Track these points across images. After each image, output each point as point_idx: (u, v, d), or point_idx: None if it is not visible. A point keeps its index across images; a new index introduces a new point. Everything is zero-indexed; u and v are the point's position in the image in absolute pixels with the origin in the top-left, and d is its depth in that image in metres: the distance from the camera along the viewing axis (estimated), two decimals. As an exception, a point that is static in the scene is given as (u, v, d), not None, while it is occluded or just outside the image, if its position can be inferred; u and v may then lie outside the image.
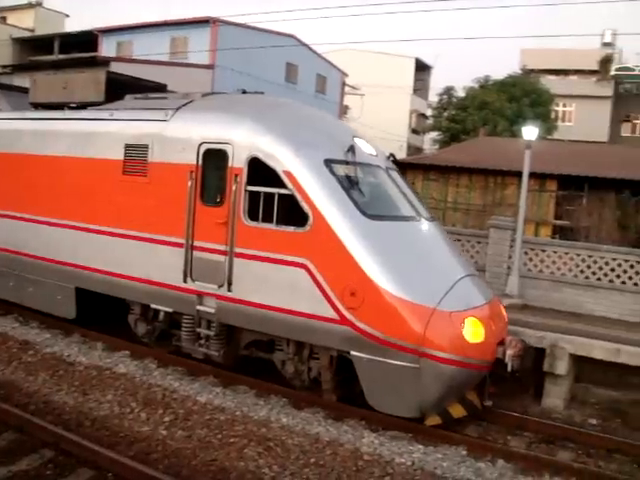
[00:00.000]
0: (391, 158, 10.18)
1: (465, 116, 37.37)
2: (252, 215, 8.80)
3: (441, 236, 9.52)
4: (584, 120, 43.41)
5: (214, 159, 9.18)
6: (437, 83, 49.09)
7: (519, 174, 15.44)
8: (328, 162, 8.64)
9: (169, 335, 10.19)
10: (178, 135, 9.59)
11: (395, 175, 9.79)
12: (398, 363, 7.98)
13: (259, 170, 8.77)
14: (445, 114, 39.96)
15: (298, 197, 8.44)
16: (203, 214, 9.22)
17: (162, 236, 9.60)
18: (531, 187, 18.12)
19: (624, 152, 26.07)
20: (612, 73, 46.03)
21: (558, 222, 20.27)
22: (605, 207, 19.39)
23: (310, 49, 37.87)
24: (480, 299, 8.71)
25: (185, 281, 9.35)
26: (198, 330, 9.50)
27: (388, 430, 8.27)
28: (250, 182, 8.83)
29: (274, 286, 8.64)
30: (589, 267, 13.39)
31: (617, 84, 45.86)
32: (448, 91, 40.92)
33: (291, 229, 8.51)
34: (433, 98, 46.10)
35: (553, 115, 41.15)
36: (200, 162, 9.28)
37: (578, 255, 13.46)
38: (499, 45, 54.65)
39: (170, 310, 9.74)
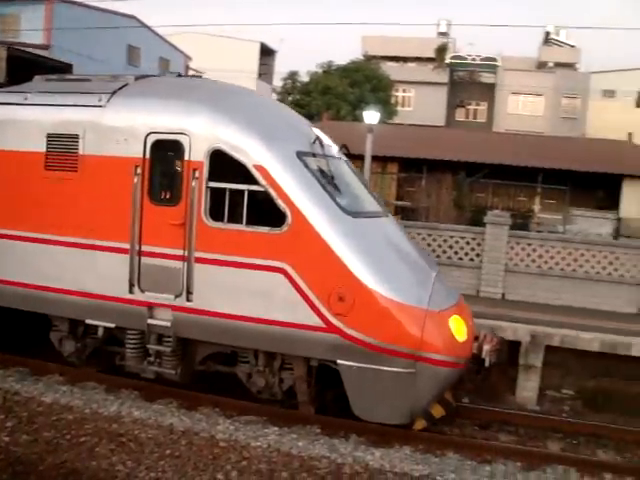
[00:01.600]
0: (343, 150, 9.38)
1: (309, 101, 38.15)
2: (215, 215, 7.92)
3: (403, 232, 9.29)
4: (422, 105, 45.92)
5: (166, 151, 8.21)
6: (282, 68, 49.56)
7: (362, 157, 16.01)
8: (300, 155, 8.01)
9: (105, 353, 9.23)
10: (119, 124, 8.40)
11: (352, 167, 9.36)
12: (392, 369, 7.54)
13: (223, 164, 7.92)
14: (289, 99, 40.45)
15: (273, 194, 7.68)
16: (153, 215, 8.17)
17: (100, 241, 8.39)
18: (374, 170, 18.95)
19: (459, 136, 27.94)
20: (447, 61, 49.06)
21: (399, 203, 21.38)
22: (442, 188, 20.79)
23: (152, 31, 36.82)
24: (454, 295, 8.54)
25: (132, 292, 8.27)
26: (149, 347, 8.50)
27: (243, 415, 8.39)
28: (212, 177, 7.94)
29: (245, 294, 7.84)
30: (429, 245, 14.27)
31: (452, 72, 48.91)
32: (292, 76, 41.48)
33: (265, 230, 7.72)
34: (278, 83, 46.54)
35: (393, 100, 43.12)
36: (148, 155, 8.21)
37: (419, 234, 14.29)
38: (343, 31, 56.37)
39: (112, 325, 8.57)
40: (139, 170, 8.21)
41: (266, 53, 52.66)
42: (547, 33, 53.69)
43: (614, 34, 69.20)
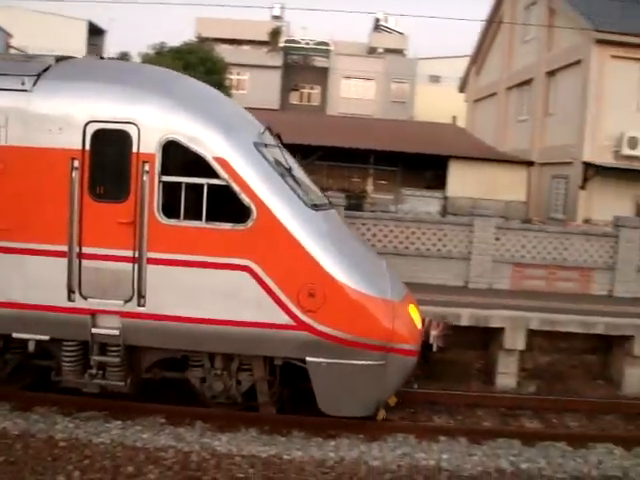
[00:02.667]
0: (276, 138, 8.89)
1: (141, 83, 36.95)
2: (169, 211, 7.43)
3: (345, 223, 9.01)
4: (257, 88, 46.07)
5: (110, 142, 7.50)
6: (112, 49, 47.54)
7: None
8: (256, 146, 7.69)
9: (28, 368, 8.46)
10: (50, 111, 7.51)
11: (291, 156, 8.88)
12: (363, 363, 7.55)
13: (178, 156, 7.45)
14: (120, 80, 38.94)
15: (236, 188, 7.35)
16: (95, 212, 7.46)
17: (29, 244, 7.52)
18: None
19: (294, 118, 28.40)
20: (281, 45, 49.54)
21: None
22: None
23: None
24: (402, 285, 8.55)
25: (71, 299, 7.55)
26: (94, 358, 7.78)
27: (82, 412, 8.12)
28: (165, 171, 7.42)
29: (206, 294, 7.45)
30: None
31: (286, 55, 49.49)
32: (123, 57, 39.84)
33: (227, 226, 7.37)
34: (107, 63, 44.56)
35: (228, 83, 42.81)
36: (88, 146, 7.47)
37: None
38: (176, 13, 55.19)
39: (45, 338, 7.76)
40: (77, 163, 7.44)
41: (95, 32, 50.14)
42: (377, 20, 55.86)
43: (439, 22, 73.45)
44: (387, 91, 48.16)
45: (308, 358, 7.59)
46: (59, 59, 8.28)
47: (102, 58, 9.26)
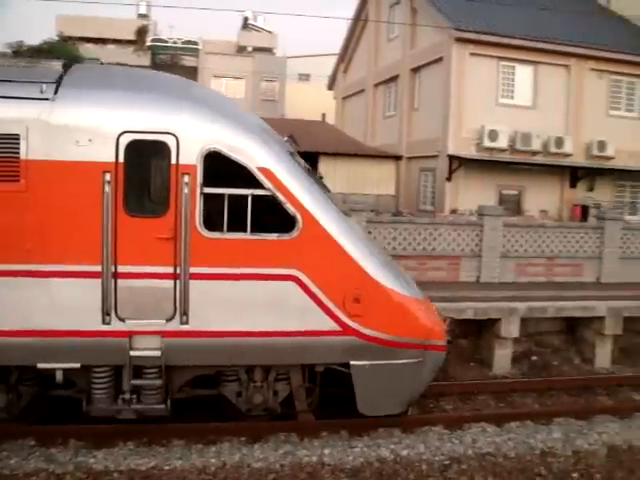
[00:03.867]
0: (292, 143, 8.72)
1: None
2: (212, 224, 7.14)
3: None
4: (125, 89, 44.57)
5: (146, 154, 7.09)
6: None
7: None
8: (292, 155, 7.55)
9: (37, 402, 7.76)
10: (78, 121, 6.92)
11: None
12: (404, 362, 7.80)
13: (219, 167, 7.14)
14: (-27, 81, 36.43)
15: (281, 198, 7.25)
16: (131, 229, 7.00)
17: (57, 266, 6.92)
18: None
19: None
20: (148, 44, 48.25)
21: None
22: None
23: None
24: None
25: (106, 322, 7.04)
26: (135, 382, 7.35)
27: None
28: (207, 183, 7.10)
29: (252, 307, 7.27)
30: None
31: (153, 54, 48.26)
32: (-26, 56, 37.33)
33: (273, 237, 7.25)
34: (-44, 63, 41.48)
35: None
36: (122, 159, 6.96)
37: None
38: (36, 11, 52.26)
39: (76, 366, 7.16)
40: (110, 177, 6.95)
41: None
42: (245, 18, 55.64)
43: (309, 21, 74.31)
44: (257, 89, 48.08)
45: (352, 362, 7.71)
46: (67, 65, 7.71)
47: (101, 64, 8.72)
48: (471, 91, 21.57)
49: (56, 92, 7.08)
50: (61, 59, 8.00)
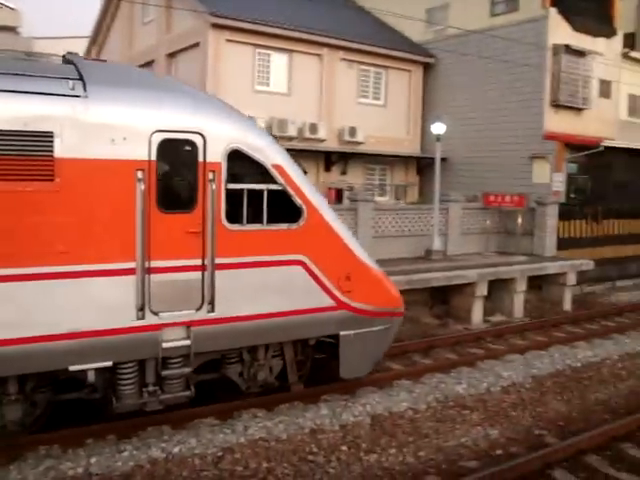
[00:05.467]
0: None
1: None
2: (233, 217, 7.78)
3: None
4: None
5: (176, 153, 7.47)
6: None
7: None
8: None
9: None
10: (112, 120, 7.03)
11: None
12: (379, 328, 9.11)
13: (240, 165, 7.82)
14: None
15: (291, 192, 8.17)
16: (163, 225, 7.35)
17: (91, 265, 6.98)
18: None
19: None
20: None
21: None
22: None
23: None
24: None
25: (141, 317, 7.30)
26: (166, 373, 7.68)
27: None
28: (230, 179, 7.73)
29: (267, 291, 8.09)
30: None
31: None
32: None
33: (284, 227, 8.16)
34: None
35: None
36: (154, 157, 7.23)
37: None
38: None
39: (109, 364, 7.27)
40: (143, 175, 7.17)
41: None
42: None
43: (59, 1, 69.13)
44: None
45: (342, 332, 8.81)
46: (68, 60, 7.77)
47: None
48: (228, 77, 21.67)
49: (85, 89, 7.02)
50: None
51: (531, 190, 21.23)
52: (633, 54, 26.63)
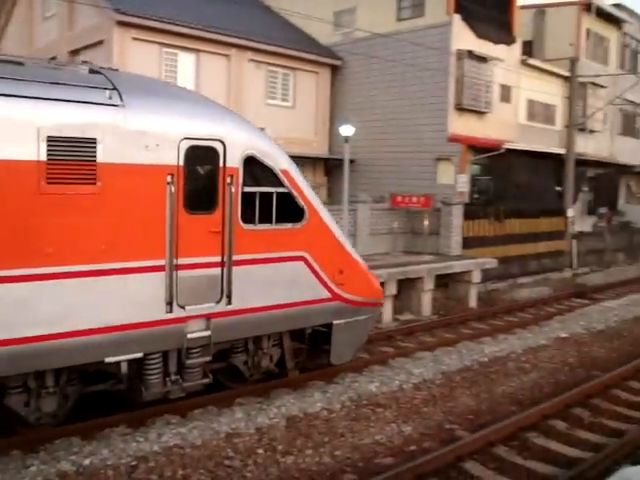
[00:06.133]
0: None
1: None
2: (247, 218, 8.50)
3: None
4: None
5: (200, 158, 8.07)
6: None
7: None
8: None
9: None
10: (146, 127, 7.54)
11: None
12: (364, 317, 10.13)
13: (254, 170, 8.55)
14: None
15: (295, 194, 8.93)
16: (189, 224, 7.95)
17: (128, 263, 7.44)
18: None
19: None
20: None
21: None
22: None
23: None
24: None
25: (169, 311, 7.86)
26: (190, 362, 8.31)
27: None
28: (246, 183, 8.47)
29: (275, 284, 8.83)
30: None
31: None
32: None
33: (289, 226, 8.92)
34: None
35: None
36: (182, 162, 7.82)
37: None
38: None
39: (139, 355, 7.78)
40: (172, 178, 7.77)
41: None
42: None
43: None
44: None
45: (335, 321, 9.73)
46: (94, 70, 8.10)
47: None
48: (135, 76, 21.14)
49: (122, 99, 7.49)
50: None
51: (437, 191, 21.88)
52: (531, 61, 27.95)
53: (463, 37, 23.96)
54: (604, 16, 32.33)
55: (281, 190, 8.87)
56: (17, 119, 6.78)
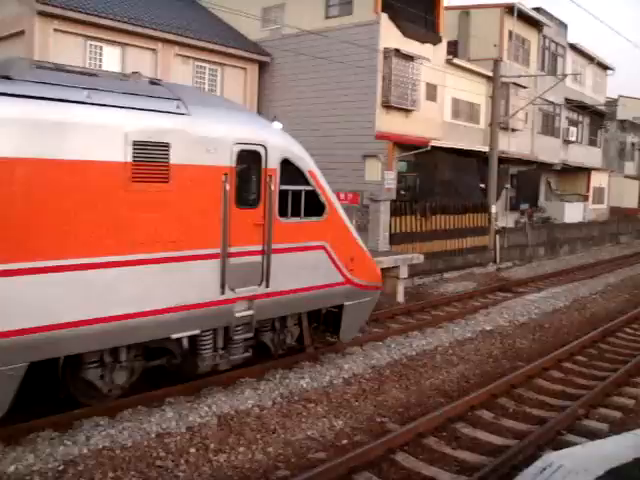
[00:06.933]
0: None
1: None
2: (282, 212, 9.74)
3: None
4: None
5: (247, 160, 9.30)
6: None
7: None
8: None
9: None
10: (207, 133, 8.78)
11: None
12: (368, 299, 11.56)
13: (288, 170, 9.78)
14: None
15: (318, 192, 10.32)
16: (238, 218, 9.16)
17: (193, 251, 8.67)
18: None
19: None
20: None
21: None
22: None
23: None
24: None
25: (222, 293, 9.10)
26: (237, 337, 9.64)
27: None
28: (282, 182, 9.67)
29: (302, 270, 10.19)
30: None
31: None
32: None
33: (314, 219, 10.31)
34: None
35: None
36: (234, 163, 9.08)
37: None
38: None
39: (197, 332, 9.02)
40: (227, 177, 8.90)
41: None
42: None
43: None
44: None
45: (346, 303, 11.08)
46: (153, 82, 9.30)
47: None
48: (57, 69, 20.52)
49: (187, 109, 8.66)
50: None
51: (365, 188, 22.22)
52: (456, 61, 28.65)
53: (390, 36, 24.36)
54: (525, 19, 33.48)
55: (308, 188, 10.16)
56: (110, 126, 7.84)
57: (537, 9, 35.63)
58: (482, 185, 27.67)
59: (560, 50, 39.25)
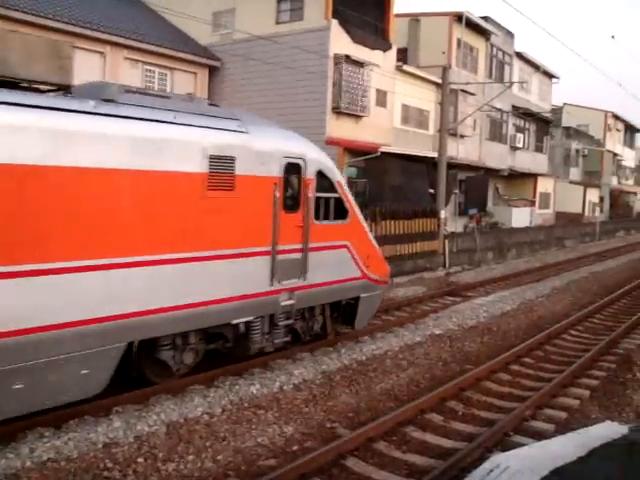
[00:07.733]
0: None
1: None
2: (317, 216, 11.42)
3: None
4: None
5: (292, 171, 10.86)
6: None
7: None
8: None
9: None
10: (262, 148, 10.25)
11: None
12: (378, 292, 13.51)
13: (321, 181, 11.50)
14: None
15: (344, 199, 12.07)
16: (284, 220, 10.66)
17: (251, 248, 10.18)
18: None
19: None
20: None
21: None
22: None
23: None
24: None
25: (271, 285, 10.56)
26: (281, 324, 11.20)
27: None
28: (317, 190, 11.36)
29: (330, 265, 11.82)
30: None
31: None
32: None
33: (340, 222, 12.03)
34: None
35: None
36: (282, 174, 10.60)
37: None
38: None
39: (250, 318, 10.49)
40: (276, 186, 10.45)
41: None
42: None
43: None
44: None
45: (362, 295, 12.74)
46: (211, 103, 10.95)
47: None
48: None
49: (249, 128, 10.19)
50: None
51: (317, 193, 22.23)
52: (406, 67, 29.03)
53: (341, 42, 24.54)
54: (474, 27, 34.17)
55: (336, 196, 11.84)
56: (193, 142, 9.26)
57: (485, 18, 36.39)
58: (431, 190, 28.07)
59: (507, 58, 40.16)
